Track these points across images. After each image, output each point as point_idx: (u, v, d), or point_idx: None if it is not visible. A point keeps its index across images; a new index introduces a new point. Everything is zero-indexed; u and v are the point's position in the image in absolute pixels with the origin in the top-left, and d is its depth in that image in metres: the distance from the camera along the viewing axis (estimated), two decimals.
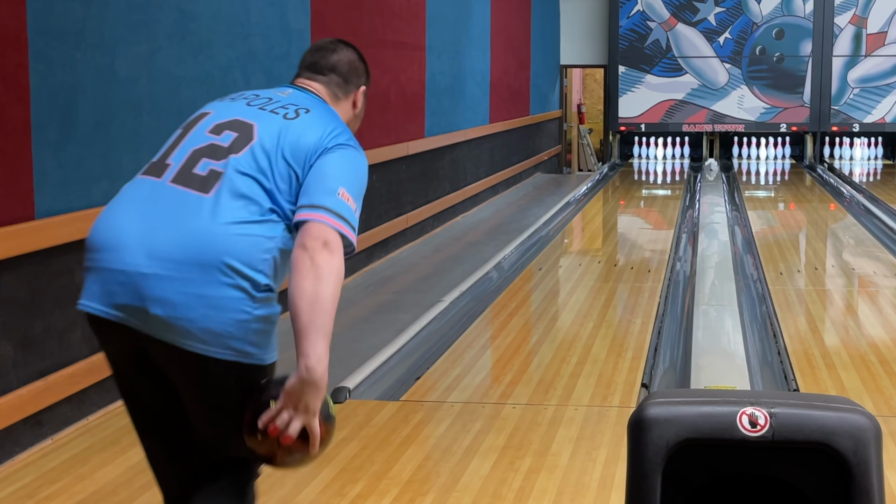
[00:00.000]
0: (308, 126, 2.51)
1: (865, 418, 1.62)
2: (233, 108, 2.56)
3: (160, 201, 2.40)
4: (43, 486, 3.75)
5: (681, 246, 9.03)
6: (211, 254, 2.30)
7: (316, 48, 2.78)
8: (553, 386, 4.90)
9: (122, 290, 2.35)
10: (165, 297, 2.31)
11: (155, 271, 2.33)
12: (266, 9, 6.00)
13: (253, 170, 2.41)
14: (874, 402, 4.64)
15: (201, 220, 2.34)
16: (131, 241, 2.36)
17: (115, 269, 2.36)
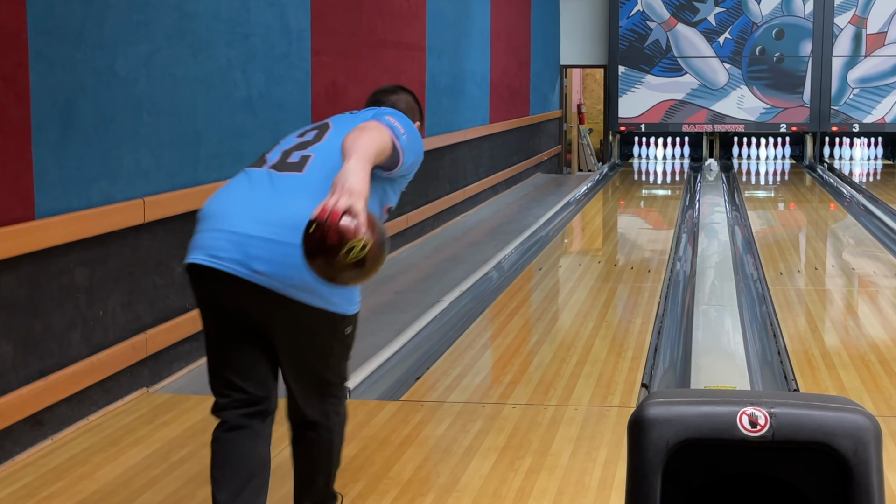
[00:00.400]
0: (369, 111, 3.20)
1: (865, 418, 1.62)
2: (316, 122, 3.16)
3: (263, 182, 2.93)
4: (43, 486, 3.75)
5: (681, 246, 9.03)
6: (306, 219, 2.60)
7: (380, 90, 3.46)
8: (553, 386, 4.90)
9: (230, 247, 2.83)
10: (267, 256, 2.77)
11: (259, 233, 2.80)
12: (266, 9, 6.00)
13: (334, 149, 2.90)
14: (874, 402, 4.64)
15: (297, 193, 2.83)
16: (239, 210, 2.88)
17: (225, 230, 2.87)
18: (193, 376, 5.14)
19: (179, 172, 5.10)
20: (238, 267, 2.83)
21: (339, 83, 7.11)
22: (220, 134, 5.50)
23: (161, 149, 4.94)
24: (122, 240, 4.64)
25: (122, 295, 4.65)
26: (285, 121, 6.30)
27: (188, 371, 5.19)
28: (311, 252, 2.61)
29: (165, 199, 4.94)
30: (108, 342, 4.55)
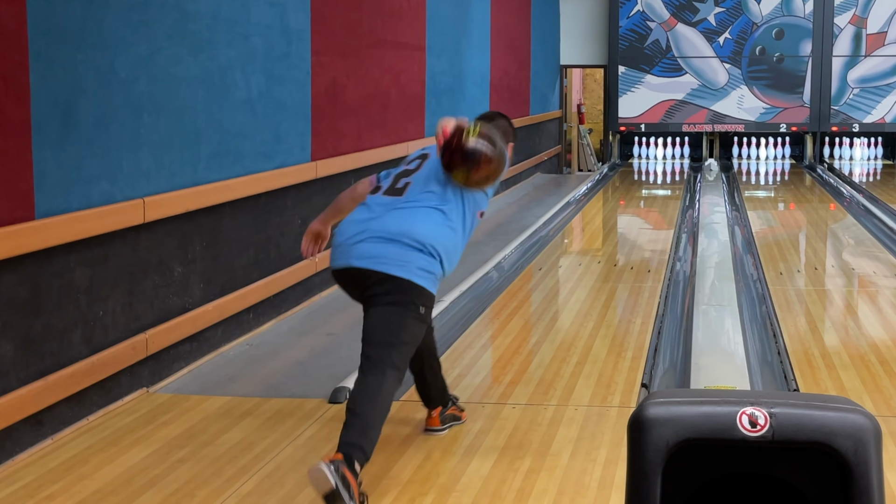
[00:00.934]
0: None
1: (865, 418, 1.62)
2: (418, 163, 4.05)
3: (378, 205, 3.95)
4: (43, 486, 3.75)
5: (681, 246, 9.03)
6: (406, 233, 3.81)
7: (482, 117, 4.19)
8: (553, 386, 4.90)
9: (356, 252, 3.83)
10: (382, 255, 3.79)
11: (375, 241, 3.82)
12: (266, 9, 6.00)
13: (429, 178, 3.95)
14: (874, 402, 4.64)
15: (401, 212, 3.88)
16: (361, 227, 3.88)
17: (350, 243, 3.86)
18: (193, 376, 5.14)
19: (179, 172, 5.10)
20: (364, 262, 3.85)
21: (339, 83, 7.12)
22: (220, 134, 5.50)
23: (161, 149, 4.94)
24: (122, 240, 4.65)
25: (122, 295, 4.66)
26: (285, 121, 6.30)
27: (188, 371, 5.19)
28: (447, 161, 3.86)
29: (165, 199, 4.94)
30: (108, 342, 4.55)
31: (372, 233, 3.83)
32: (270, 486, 3.74)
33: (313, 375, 5.15)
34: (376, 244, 3.81)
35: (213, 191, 5.40)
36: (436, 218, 3.87)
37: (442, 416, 4.33)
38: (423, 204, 3.88)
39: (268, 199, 6.08)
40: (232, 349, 5.61)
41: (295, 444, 4.16)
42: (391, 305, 3.79)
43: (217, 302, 5.47)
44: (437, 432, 4.30)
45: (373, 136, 7.84)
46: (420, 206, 3.88)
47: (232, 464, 3.95)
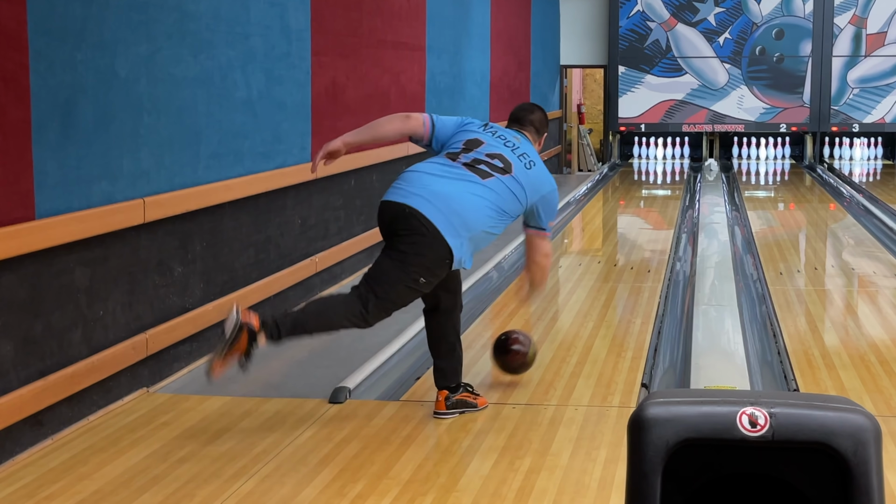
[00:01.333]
0: (538, 175, 4.45)
1: (865, 418, 1.62)
2: (498, 146, 4.43)
3: (452, 170, 4.33)
4: (43, 486, 3.75)
5: (681, 246, 9.03)
6: (462, 211, 4.24)
7: (521, 108, 4.69)
8: (553, 386, 4.90)
9: (413, 200, 4.22)
10: (431, 210, 4.20)
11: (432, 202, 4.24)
12: (266, 9, 6.00)
13: (511, 186, 4.36)
14: (874, 402, 4.64)
15: (468, 191, 4.27)
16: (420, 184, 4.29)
17: (412, 192, 4.25)
18: (193, 376, 5.14)
19: (179, 172, 5.10)
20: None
21: (339, 83, 7.12)
22: (220, 134, 5.50)
23: (161, 149, 4.94)
24: (122, 240, 4.65)
25: (122, 295, 4.66)
26: (285, 121, 6.30)
27: (188, 371, 5.19)
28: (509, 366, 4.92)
29: (165, 199, 4.94)
30: (108, 342, 4.55)
31: (435, 196, 4.23)
32: (270, 486, 3.74)
33: (313, 375, 5.15)
34: (432, 206, 4.20)
35: (213, 191, 5.40)
36: (494, 223, 4.33)
37: (449, 400, 4.42)
38: (496, 206, 4.31)
39: (268, 199, 6.08)
40: None
41: (295, 444, 4.16)
42: (398, 260, 4.19)
43: (217, 302, 5.46)
44: (443, 416, 4.41)
45: None
46: (493, 206, 4.29)
47: (232, 464, 3.95)
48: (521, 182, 4.36)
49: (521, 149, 4.47)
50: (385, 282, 4.21)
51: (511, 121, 4.65)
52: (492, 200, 4.29)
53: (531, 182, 4.39)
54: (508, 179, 4.34)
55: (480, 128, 4.52)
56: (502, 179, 4.33)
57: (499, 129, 4.53)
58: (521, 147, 4.48)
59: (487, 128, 4.53)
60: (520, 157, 4.43)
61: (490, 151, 4.40)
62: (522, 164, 4.41)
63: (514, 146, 4.46)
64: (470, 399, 4.50)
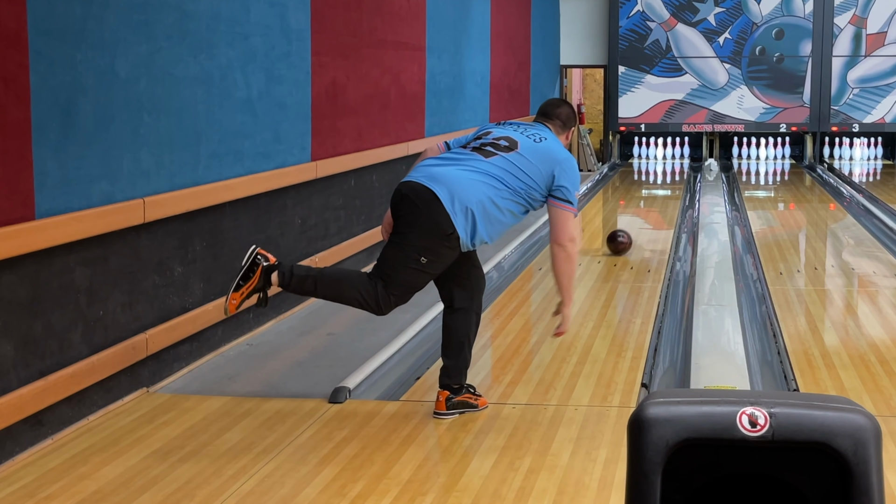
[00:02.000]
0: (549, 147, 4.42)
1: (865, 418, 1.62)
2: (507, 132, 4.47)
3: (456, 155, 4.42)
4: (43, 486, 3.75)
5: (681, 246, 9.03)
6: (459, 180, 4.28)
7: (549, 103, 4.68)
8: (553, 386, 4.90)
9: (409, 180, 4.36)
10: (427, 181, 4.30)
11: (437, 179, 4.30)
12: (266, 9, 6.00)
13: (516, 161, 4.34)
14: (874, 402, 4.64)
15: (467, 167, 4.32)
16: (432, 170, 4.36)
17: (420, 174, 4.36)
18: (193, 376, 5.14)
19: (179, 172, 5.11)
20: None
21: (339, 83, 7.12)
22: (220, 134, 5.50)
23: (161, 149, 4.94)
24: (122, 240, 4.65)
25: (122, 295, 4.66)
26: (285, 121, 6.30)
27: (188, 371, 5.19)
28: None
29: (165, 199, 4.94)
30: (108, 342, 4.55)
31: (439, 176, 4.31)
32: (270, 486, 3.74)
33: (313, 375, 5.15)
34: (428, 179, 4.30)
35: (213, 191, 5.40)
36: (499, 195, 4.30)
37: (449, 401, 4.43)
38: (499, 179, 4.30)
39: (268, 199, 6.08)
40: (232, 349, 5.61)
41: (295, 444, 4.16)
42: (396, 243, 4.28)
43: (217, 302, 5.46)
44: (442, 417, 4.41)
45: (373, 136, 7.84)
46: (495, 179, 4.30)
47: (232, 464, 3.95)
48: (528, 156, 4.34)
49: (532, 130, 4.48)
50: (388, 265, 4.28)
51: (538, 115, 4.67)
52: (493, 174, 4.29)
53: (541, 153, 4.36)
54: (513, 155, 4.34)
55: (495, 125, 4.60)
56: (506, 156, 4.33)
57: (514, 122, 4.59)
58: (533, 129, 4.49)
59: (503, 123, 4.61)
60: (529, 136, 4.43)
61: (498, 136, 4.45)
62: (531, 140, 4.41)
63: (525, 130, 4.48)
64: (471, 400, 4.50)
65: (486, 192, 4.26)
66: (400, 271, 4.26)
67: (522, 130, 4.48)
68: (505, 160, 4.33)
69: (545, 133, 4.49)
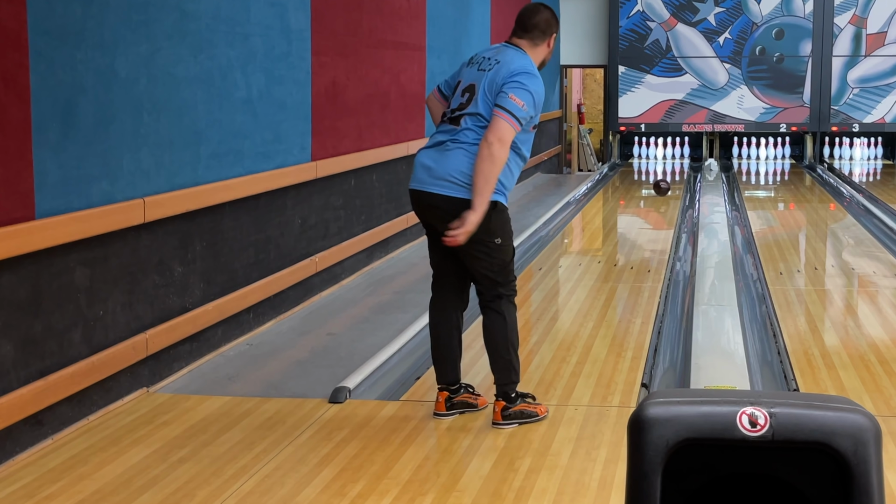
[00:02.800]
0: (503, 67, 4.30)
1: (865, 418, 1.62)
2: (472, 76, 4.38)
3: (437, 134, 4.42)
4: (43, 486, 3.75)
5: (681, 246, 9.03)
6: (445, 163, 4.32)
7: (526, 10, 4.45)
8: (553, 386, 4.90)
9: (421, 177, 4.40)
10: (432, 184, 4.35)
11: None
12: (266, 9, 6.00)
13: (474, 108, 4.30)
14: (874, 402, 4.64)
15: (445, 147, 4.32)
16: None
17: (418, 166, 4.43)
18: (193, 376, 5.14)
19: (179, 172, 5.11)
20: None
21: (339, 83, 7.12)
22: (220, 134, 5.50)
23: (161, 149, 4.94)
24: (122, 240, 4.65)
25: (122, 295, 4.66)
26: (285, 121, 6.30)
27: (188, 371, 5.19)
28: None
29: (165, 199, 4.94)
30: (108, 342, 4.55)
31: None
32: (270, 486, 3.74)
33: (313, 375, 5.15)
34: (431, 180, 4.43)
35: (213, 191, 5.40)
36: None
37: (449, 402, 4.45)
38: (473, 142, 4.31)
39: (268, 199, 6.08)
40: (232, 349, 5.61)
41: (295, 444, 4.16)
42: (474, 251, 4.39)
43: (217, 302, 5.47)
44: (443, 417, 4.44)
45: (373, 136, 7.84)
46: (471, 144, 4.30)
47: (232, 464, 3.95)
48: (482, 95, 4.28)
49: (492, 60, 4.37)
50: (495, 270, 4.33)
51: (515, 28, 4.51)
52: (469, 139, 4.27)
53: (492, 79, 4.29)
54: (473, 105, 4.30)
55: (466, 65, 4.50)
56: (468, 117, 4.29)
57: (484, 53, 4.46)
58: (495, 58, 4.38)
59: (474, 59, 4.48)
60: (487, 70, 4.33)
61: (464, 85, 4.39)
62: (486, 74, 4.32)
63: (488, 65, 4.36)
64: (470, 399, 4.50)
65: (462, 156, 4.27)
66: (505, 265, 4.35)
67: (487, 67, 4.35)
68: (470, 118, 4.29)
69: (506, 55, 4.36)
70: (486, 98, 4.28)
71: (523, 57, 4.37)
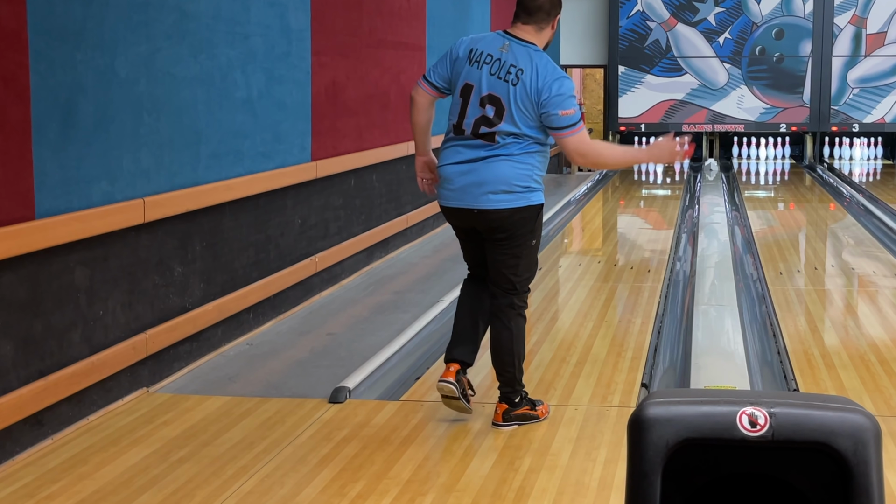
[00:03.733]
0: (524, 88, 4.17)
1: (865, 418, 1.62)
2: (486, 83, 4.24)
3: (465, 149, 4.33)
4: (43, 486, 3.75)
5: (681, 246, 9.03)
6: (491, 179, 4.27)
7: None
8: (553, 386, 4.90)
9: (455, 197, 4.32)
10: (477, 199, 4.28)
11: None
12: (266, 9, 6.00)
13: (511, 127, 4.21)
14: (874, 402, 4.64)
15: (488, 161, 4.26)
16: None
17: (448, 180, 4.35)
18: (193, 376, 5.14)
19: (179, 172, 5.10)
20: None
21: (339, 83, 7.12)
22: (220, 134, 5.50)
23: (161, 149, 4.94)
24: (122, 240, 4.65)
25: (122, 295, 4.66)
26: (285, 121, 6.30)
27: (188, 371, 5.19)
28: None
29: (165, 199, 4.94)
30: (108, 342, 4.55)
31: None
32: (270, 486, 3.74)
33: (313, 375, 5.15)
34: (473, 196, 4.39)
35: (213, 191, 5.40)
36: (527, 155, 4.29)
37: (458, 376, 4.35)
38: (515, 151, 4.27)
39: (268, 199, 6.08)
40: (232, 349, 5.61)
41: (295, 444, 4.16)
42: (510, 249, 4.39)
43: (217, 302, 5.47)
44: (447, 384, 4.31)
45: (373, 136, 7.84)
46: (515, 154, 4.27)
47: (232, 464, 3.95)
48: (516, 112, 4.18)
49: (506, 65, 4.22)
50: (518, 274, 4.33)
51: (519, 10, 4.30)
52: (514, 151, 4.20)
53: (523, 97, 4.17)
54: (507, 124, 4.20)
55: (466, 61, 4.31)
56: (505, 135, 4.21)
57: (488, 49, 4.26)
58: (509, 62, 4.22)
59: (474, 57, 4.28)
60: (508, 81, 4.20)
61: (483, 95, 4.25)
62: (509, 87, 4.19)
63: (504, 72, 4.22)
64: (469, 392, 4.47)
65: (518, 168, 4.21)
66: (531, 272, 4.38)
67: (503, 73, 4.20)
68: (507, 136, 4.20)
69: (523, 59, 4.20)
70: (522, 116, 4.18)
71: (541, 58, 4.22)
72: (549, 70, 4.18)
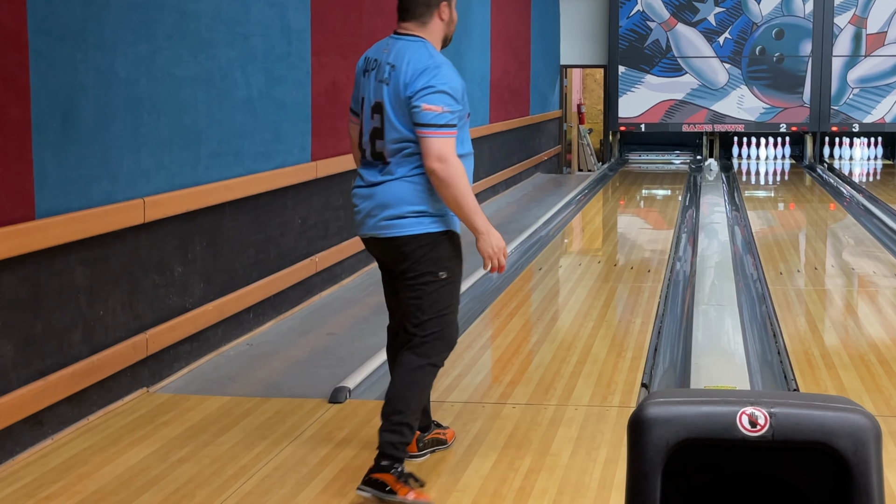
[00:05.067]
0: (395, 83, 3.66)
1: (865, 418, 1.62)
2: (370, 91, 3.74)
3: (365, 171, 3.81)
4: (43, 486, 3.75)
5: (681, 246, 9.03)
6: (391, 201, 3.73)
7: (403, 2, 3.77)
8: (553, 386, 4.90)
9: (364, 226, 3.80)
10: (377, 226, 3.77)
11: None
12: (266, 9, 6.00)
13: (392, 132, 3.69)
14: (874, 402, 4.64)
15: (385, 182, 3.73)
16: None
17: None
18: (193, 376, 5.14)
19: (179, 172, 5.11)
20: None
21: (339, 83, 7.12)
22: (220, 134, 5.50)
23: (161, 149, 4.94)
24: (122, 240, 4.65)
25: (122, 295, 4.66)
26: (285, 121, 6.30)
27: (188, 371, 5.19)
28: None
29: (165, 199, 4.94)
30: (108, 342, 4.55)
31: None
32: (270, 486, 3.74)
33: (313, 375, 5.15)
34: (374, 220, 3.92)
35: (213, 191, 5.40)
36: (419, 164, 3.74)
37: (420, 441, 4.01)
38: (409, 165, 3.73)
39: (268, 199, 6.08)
40: (232, 349, 5.61)
41: (295, 444, 4.16)
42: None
43: (217, 302, 5.47)
44: (415, 459, 3.96)
45: None
46: (410, 172, 3.73)
47: (232, 464, 3.95)
48: (392, 116, 3.66)
49: (385, 65, 3.72)
50: (424, 309, 3.76)
51: (398, 10, 3.81)
52: (404, 172, 3.67)
53: (394, 94, 3.66)
54: (388, 132, 3.69)
55: (362, 74, 3.82)
56: (390, 144, 3.69)
57: (376, 55, 3.78)
58: (387, 61, 3.72)
59: (367, 67, 3.81)
60: (386, 82, 3.69)
61: (372, 104, 3.74)
62: (385, 87, 3.69)
63: (384, 73, 3.71)
64: (440, 436, 4.11)
65: (413, 187, 3.68)
66: (447, 317, 3.81)
67: (383, 75, 3.70)
68: (392, 145, 3.68)
69: (397, 54, 3.69)
70: (399, 118, 3.66)
71: (415, 50, 3.69)
72: (423, 61, 3.65)
